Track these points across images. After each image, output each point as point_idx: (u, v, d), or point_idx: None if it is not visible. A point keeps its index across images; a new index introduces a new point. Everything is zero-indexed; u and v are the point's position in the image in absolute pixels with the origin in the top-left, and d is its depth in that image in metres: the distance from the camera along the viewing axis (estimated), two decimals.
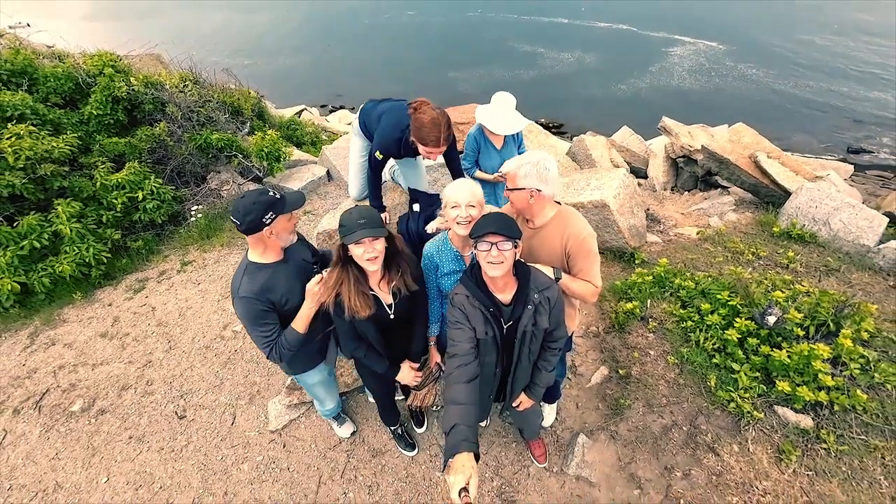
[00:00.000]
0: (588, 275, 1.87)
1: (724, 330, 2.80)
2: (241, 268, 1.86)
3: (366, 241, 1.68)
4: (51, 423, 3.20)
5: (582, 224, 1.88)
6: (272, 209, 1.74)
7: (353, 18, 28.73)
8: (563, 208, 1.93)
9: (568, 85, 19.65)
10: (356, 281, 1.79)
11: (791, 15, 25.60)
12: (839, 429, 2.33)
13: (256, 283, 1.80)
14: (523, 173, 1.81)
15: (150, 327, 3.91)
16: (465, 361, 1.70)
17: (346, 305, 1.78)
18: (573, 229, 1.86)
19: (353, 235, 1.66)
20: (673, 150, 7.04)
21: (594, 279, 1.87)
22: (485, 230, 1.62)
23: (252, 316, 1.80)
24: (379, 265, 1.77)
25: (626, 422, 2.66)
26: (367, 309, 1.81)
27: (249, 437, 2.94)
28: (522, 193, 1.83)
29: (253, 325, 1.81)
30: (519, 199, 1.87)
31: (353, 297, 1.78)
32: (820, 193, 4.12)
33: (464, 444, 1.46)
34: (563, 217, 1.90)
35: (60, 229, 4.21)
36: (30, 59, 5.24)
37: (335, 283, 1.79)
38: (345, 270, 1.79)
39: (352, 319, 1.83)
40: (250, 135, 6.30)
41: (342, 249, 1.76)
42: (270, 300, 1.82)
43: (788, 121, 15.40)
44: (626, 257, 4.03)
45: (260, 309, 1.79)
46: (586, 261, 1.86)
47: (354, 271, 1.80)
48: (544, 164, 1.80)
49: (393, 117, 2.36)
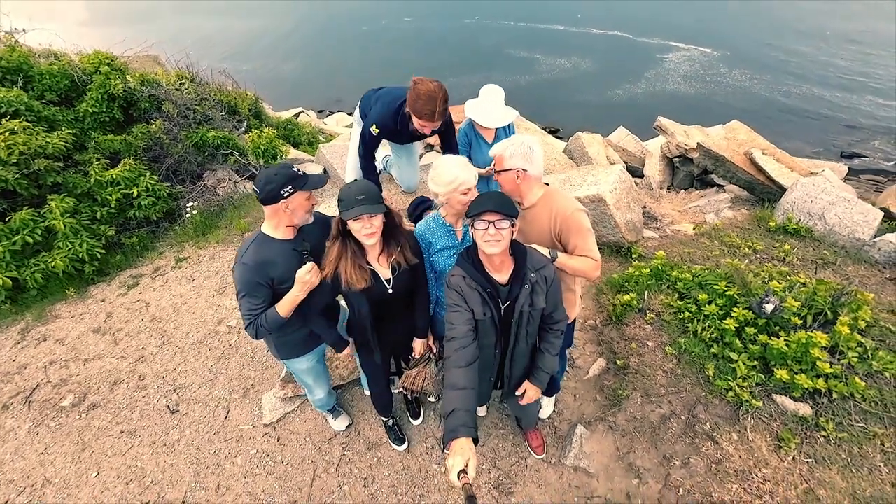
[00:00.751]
0: (584, 250, 1.86)
1: (721, 320, 2.79)
2: (253, 237, 1.89)
3: (364, 216, 1.67)
4: (40, 419, 3.14)
5: (569, 201, 1.89)
6: (292, 183, 1.75)
7: (352, 24, 28.93)
8: (550, 188, 1.95)
9: (564, 90, 19.81)
10: (353, 254, 1.79)
11: (783, 23, 25.98)
12: (838, 416, 2.32)
13: (261, 254, 1.81)
14: (509, 154, 1.86)
15: (143, 323, 3.86)
16: (463, 344, 1.69)
17: (343, 278, 1.78)
18: (560, 207, 1.87)
19: (352, 211, 1.66)
20: (669, 150, 7.08)
21: (591, 253, 1.87)
22: (482, 208, 1.61)
23: (245, 283, 1.80)
24: (377, 240, 1.77)
25: (625, 412, 2.64)
26: (363, 281, 1.81)
27: (243, 430, 2.90)
28: (510, 174, 1.87)
29: (243, 292, 1.81)
30: (507, 181, 1.90)
31: (350, 270, 1.78)
32: (815, 188, 4.14)
33: (462, 428, 1.45)
34: (550, 196, 1.92)
35: (54, 224, 4.18)
36: (25, 57, 5.23)
37: (336, 259, 1.78)
38: (343, 245, 1.78)
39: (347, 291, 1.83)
40: (247, 133, 6.29)
41: (341, 224, 1.76)
42: (269, 275, 1.82)
43: (782, 126, 15.56)
44: (623, 252, 4.02)
45: (255, 280, 1.79)
46: (579, 235, 1.86)
47: (352, 245, 1.80)
48: (528, 144, 1.86)
49: (392, 94, 2.41)
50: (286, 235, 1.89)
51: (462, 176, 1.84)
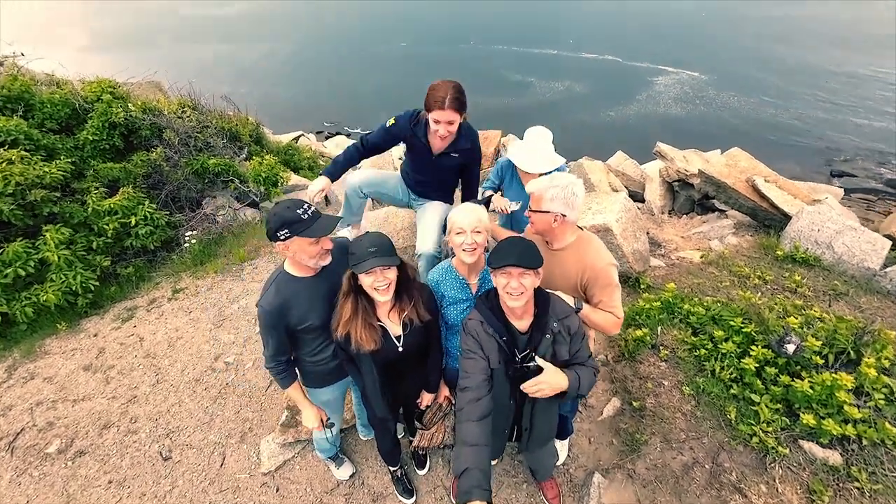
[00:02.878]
0: (609, 306, 1.78)
1: (739, 359, 2.69)
2: (274, 274, 1.84)
3: (377, 270, 1.59)
4: (24, 467, 2.95)
5: (603, 253, 1.80)
6: (288, 227, 1.63)
7: (349, 49, 29.63)
8: (583, 234, 1.87)
9: (559, 112, 20.22)
10: (364, 312, 1.69)
11: (767, 47, 26.87)
12: (870, 465, 2.20)
13: (279, 296, 1.76)
14: (549, 196, 1.74)
15: (136, 359, 3.71)
16: (477, 395, 1.59)
17: (353, 338, 1.68)
18: (592, 259, 1.78)
19: (364, 265, 1.57)
20: (668, 175, 7.11)
21: (615, 310, 1.78)
22: (505, 262, 1.54)
23: (261, 325, 1.82)
24: (390, 295, 1.67)
25: (644, 459, 2.51)
26: (372, 342, 1.70)
27: (239, 480, 2.73)
28: (547, 216, 1.76)
29: (261, 332, 1.84)
30: (542, 222, 1.79)
31: (360, 330, 1.67)
32: (821, 217, 4.12)
33: (476, 490, 1.35)
34: (583, 243, 1.83)
35: (47, 256, 4.06)
36: (27, 86, 5.21)
37: (350, 318, 1.68)
38: (355, 301, 1.68)
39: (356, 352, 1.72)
40: (248, 160, 6.27)
41: (352, 279, 1.67)
42: (285, 320, 1.78)
43: (770, 146, 15.87)
44: (630, 282, 3.95)
45: (269, 325, 1.77)
46: (605, 291, 1.77)
47: (363, 301, 1.70)
48: (572, 189, 1.73)
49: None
50: (305, 273, 1.80)
51: (455, 217, 1.80)
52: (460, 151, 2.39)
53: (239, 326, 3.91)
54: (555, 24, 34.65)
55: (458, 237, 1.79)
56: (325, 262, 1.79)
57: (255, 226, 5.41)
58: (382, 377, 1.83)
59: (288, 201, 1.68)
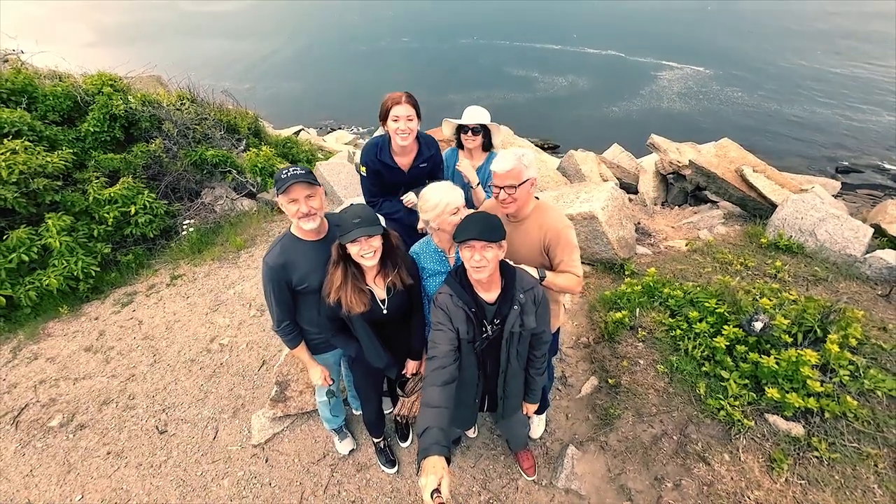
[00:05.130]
0: (569, 265, 1.90)
1: (712, 338, 2.78)
2: (281, 235, 2.00)
3: (362, 239, 1.71)
4: (27, 439, 3.10)
5: (559, 216, 1.93)
6: (277, 184, 1.80)
7: (352, 44, 29.63)
8: (540, 202, 1.98)
9: (562, 107, 20.16)
10: (353, 277, 1.83)
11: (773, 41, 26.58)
12: (831, 436, 2.29)
13: (282, 255, 1.92)
14: (527, 163, 1.84)
15: (135, 341, 3.85)
16: (443, 364, 1.69)
17: (343, 302, 1.82)
18: (551, 221, 1.91)
19: (350, 235, 1.69)
20: (662, 167, 7.17)
21: (575, 269, 1.91)
22: (467, 236, 1.63)
23: (264, 281, 1.96)
24: (376, 260, 1.80)
25: (616, 432, 2.61)
26: (362, 305, 1.85)
27: (231, 451, 2.86)
28: (526, 185, 1.85)
29: (265, 289, 1.98)
30: (526, 192, 1.88)
31: (350, 294, 1.81)
32: (805, 205, 4.18)
33: (434, 447, 1.45)
34: (541, 210, 1.96)
35: (50, 243, 4.21)
36: (30, 79, 5.35)
37: (340, 285, 1.82)
38: (344, 269, 1.82)
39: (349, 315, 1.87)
40: (246, 152, 6.39)
41: (340, 248, 1.79)
42: (288, 275, 1.93)
43: (776, 142, 15.77)
44: (615, 268, 4.04)
45: (272, 279, 1.92)
46: (565, 250, 1.90)
47: (352, 268, 1.83)
48: (528, 153, 1.89)
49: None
50: (307, 237, 1.96)
51: (447, 198, 1.86)
52: (427, 160, 2.49)
53: (234, 311, 4.04)
54: (558, 19, 34.44)
55: (453, 217, 1.84)
56: (308, 225, 1.88)
57: (251, 215, 5.54)
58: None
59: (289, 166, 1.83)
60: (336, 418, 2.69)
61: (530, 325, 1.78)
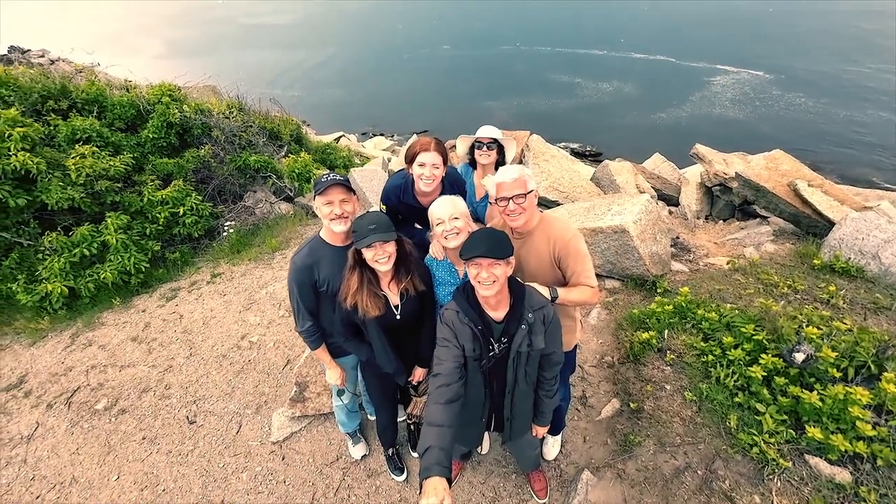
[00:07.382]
0: (582, 276, 1.85)
1: (748, 366, 2.57)
2: (311, 238, 2.10)
3: (377, 244, 1.76)
4: (77, 419, 3.39)
5: (566, 226, 1.89)
6: (316, 186, 1.92)
7: (393, 53, 30.40)
8: (545, 214, 1.94)
9: (606, 114, 19.58)
10: (368, 282, 1.88)
11: (842, 43, 24.48)
12: (883, 486, 2.04)
13: (309, 257, 2.01)
14: (528, 174, 1.85)
15: (175, 334, 4.12)
16: (447, 381, 1.66)
17: (360, 306, 1.87)
18: (558, 232, 1.86)
19: (365, 240, 1.75)
20: (708, 178, 6.76)
21: (589, 280, 1.85)
22: (474, 253, 1.61)
23: (289, 280, 2.05)
24: (390, 265, 1.84)
25: (635, 460, 2.46)
26: (377, 309, 1.90)
27: (251, 446, 2.98)
28: (532, 195, 1.85)
29: (290, 290, 2.06)
30: (532, 204, 1.87)
31: (365, 299, 1.86)
32: (867, 224, 3.79)
33: (435, 467, 1.42)
34: (546, 222, 1.91)
35: (108, 239, 4.61)
36: (102, 90, 5.91)
37: (356, 289, 1.88)
38: (360, 274, 1.88)
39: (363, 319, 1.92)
40: (286, 157, 6.70)
41: (356, 254, 1.85)
42: (312, 278, 2.01)
43: (841, 153, 14.42)
44: (647, 286, 3.85)
45: (297, 280, 2.01)
46: (577, 261, 1.84)
47: (368, 273, 1.89)
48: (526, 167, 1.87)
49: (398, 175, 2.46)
50: (335, 242, 2.04)
51: (431, 210, 1.90)
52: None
53: (265, 310, 4.23)
54: (604, 24, 33.59)
55: (438, 227, 1.90)
56: (339, 227, 1.96)
57: (288, 218, 5.79)
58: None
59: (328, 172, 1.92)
60: (351, 422, 2.74)
61: (538, 345, 1.73)
